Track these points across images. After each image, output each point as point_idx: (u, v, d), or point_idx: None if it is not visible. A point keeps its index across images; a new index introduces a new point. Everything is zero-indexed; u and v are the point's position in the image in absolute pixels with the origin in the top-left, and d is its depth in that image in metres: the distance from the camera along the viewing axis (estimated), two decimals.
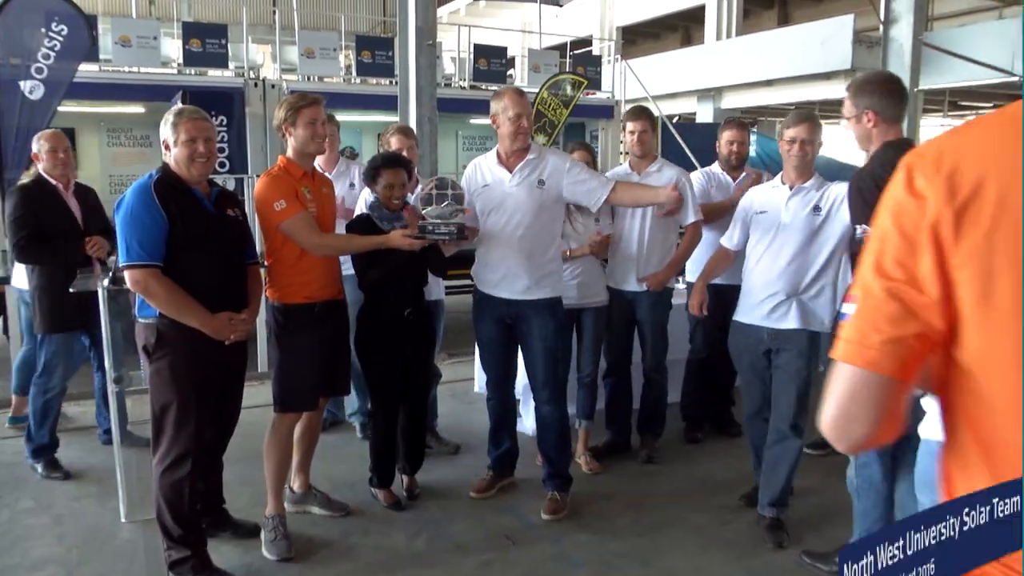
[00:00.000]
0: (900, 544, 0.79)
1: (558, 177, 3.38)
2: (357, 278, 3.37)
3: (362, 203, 3.64)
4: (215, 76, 10.45)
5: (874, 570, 0.77)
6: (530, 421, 3.82)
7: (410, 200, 3.46)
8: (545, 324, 3.40)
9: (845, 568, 0.76)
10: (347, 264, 3.41)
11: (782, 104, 15.72)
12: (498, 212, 3.38)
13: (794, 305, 3.15)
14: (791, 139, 3.19)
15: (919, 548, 0.79)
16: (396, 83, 7.86)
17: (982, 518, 0.82)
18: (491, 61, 11.90)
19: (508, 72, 13.24)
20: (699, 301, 3.60)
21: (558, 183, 3.38)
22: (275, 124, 3.15)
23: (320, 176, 3.36)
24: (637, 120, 3.98)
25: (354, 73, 11.18)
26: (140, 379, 3.04)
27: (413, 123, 6.61)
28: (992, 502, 0.82)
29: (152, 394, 2.81)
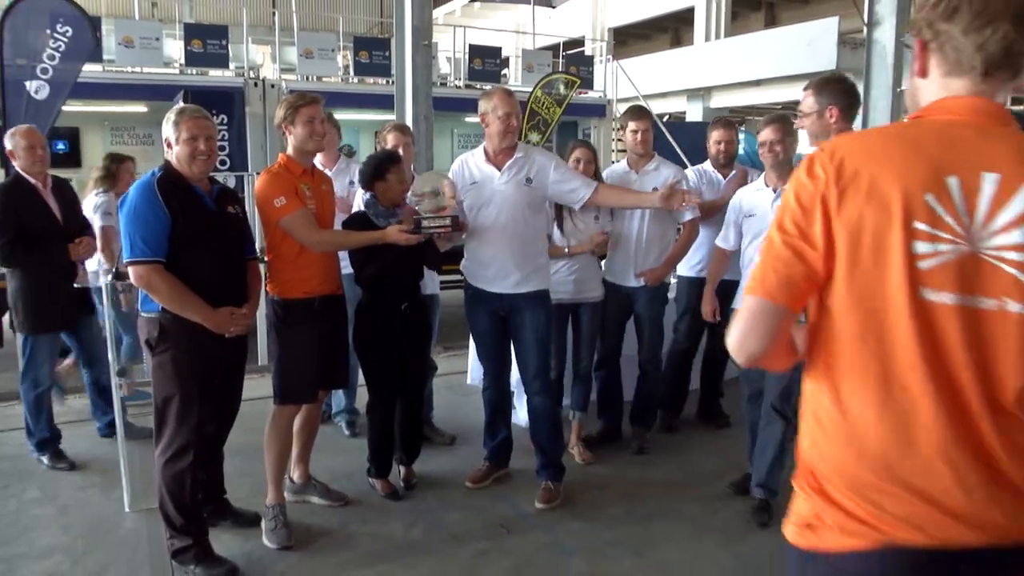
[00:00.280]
0: None
1: (544, 175, 3.46)
2: (354, 274, 3.42)
3: (359, 201, 3.70)
4: (216, 76, 10.51)
5: None
6: (523, 413, 3.89)
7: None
8: (537, 316, 3.48)
9: None
10: (345, 264, 3.45)
11: (770, 103, 15.82)
12: (488, 208, 3.45)
13: None
14: (762, 142, 3.30)
15: None
16: (393, 82, 7.92)
17: None
18: (486, 61, 11.98)
19: (502, 72, 13.30)
20: (712, 308, 3.74)
21: (544, 181, 3.47)
22: (276, 123, 3.22)
23: (320, 173, 3.41)
24: (639, 119, 4.04)
25: (352, 73, 11.27)
26: (143, 372, 3.09)
27: (410, 121, 6.67)
28: None
29: (155, 387, 2.87)
